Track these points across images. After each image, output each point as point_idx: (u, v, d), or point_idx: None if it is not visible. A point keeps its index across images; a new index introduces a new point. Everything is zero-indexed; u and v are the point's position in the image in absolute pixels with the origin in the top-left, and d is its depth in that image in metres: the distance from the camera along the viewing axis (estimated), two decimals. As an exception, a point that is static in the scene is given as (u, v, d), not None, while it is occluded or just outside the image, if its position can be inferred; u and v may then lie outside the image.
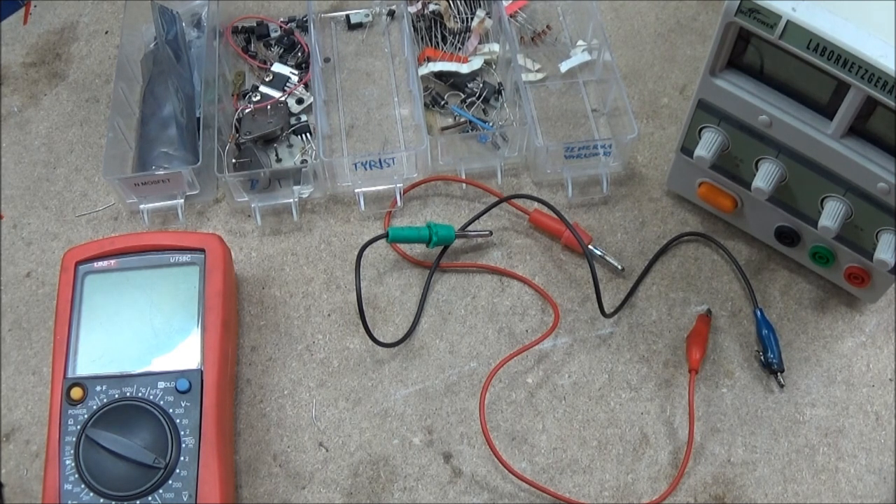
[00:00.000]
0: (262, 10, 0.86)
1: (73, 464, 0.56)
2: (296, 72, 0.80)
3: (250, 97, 0.78)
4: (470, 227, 0.72)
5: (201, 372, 0.59)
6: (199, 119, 0.76)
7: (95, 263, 0.63)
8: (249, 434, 0.64)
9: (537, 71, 0.81)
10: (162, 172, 0.71)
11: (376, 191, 0.74)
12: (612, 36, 0.84)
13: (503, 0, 0.81)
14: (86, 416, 0.57)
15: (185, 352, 0.60)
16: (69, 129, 0.79)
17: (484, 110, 0.79)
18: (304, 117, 0.78)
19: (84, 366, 0.59)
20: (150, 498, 0.56)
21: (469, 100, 0.78)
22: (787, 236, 0.67)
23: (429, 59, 0.80)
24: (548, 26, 0.84)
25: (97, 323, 0.61)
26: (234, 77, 0.80)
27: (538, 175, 0.75)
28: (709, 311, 0.68)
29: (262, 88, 0.78)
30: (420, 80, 0.77)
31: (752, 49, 0.58)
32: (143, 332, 0.61)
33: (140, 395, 0.58)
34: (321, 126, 0.75)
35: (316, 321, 0.69)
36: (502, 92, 0.79)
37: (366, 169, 0.72)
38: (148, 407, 0.58)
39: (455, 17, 0.83)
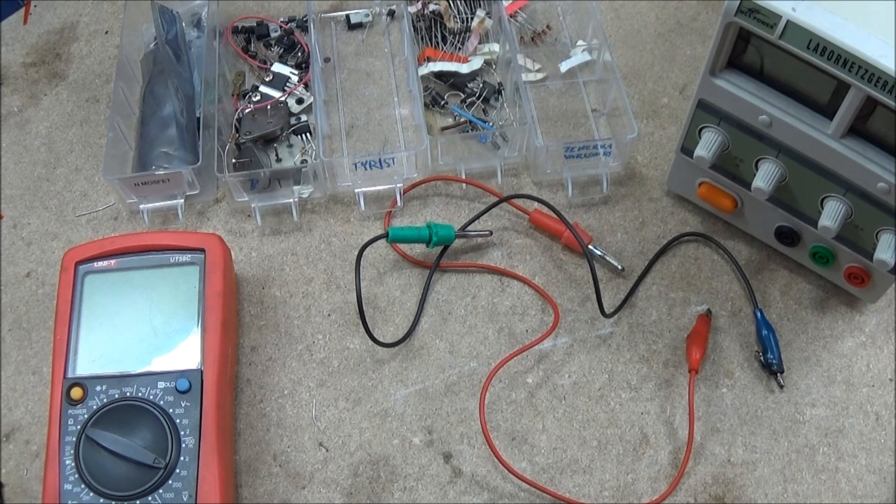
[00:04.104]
0: (262, 10, 0.86)
1: (73, 464, 0.56)
2: (296, 72, 0.80)
3: (250, 97, 0.78)
4: (470, 227, 0.72)
5: (201, 372, 0.59)
6: (199, 119, 0.76)
7: (95, 263, 0.63)
8: (249, 434, 0.64)
9: (537, 71, 0.81)
10: (162, 172, 0.71)
11: (376, 191, 0.74)
12: (612, 36, 0.84)
13: (503, 0, 0.81)
14: (86, 416, 0.57)
15: (185, 352, 0.60)
16: (69, 129, 0.79)
17: (484, 110, 0.79)
18: (304, 117, 0.78)
19: (84, 366, 0.59)
20: (150, 498, 0.56)
21: (469, 100, 0.78)
22: (787, 236, 0.67)
23: (429, 59, 0.80)
24: (548, 26, 0.84)
25: (97, 323, 0.61)
26: (234, 77, 0.81)
27: (538, 175, 0.75)
28: (709, 311, 0.68)
29: (262, 88, 0.78)
30: (420, 80, 0.77)
31: (752, 49, 0.58)
32: (143, 332, 0.61)
33: (140, 395, 0.58)
34: (321, 126, 0.75)
35: (316, 321, 0.69)
36: (502, 92, 0.79)
37: (366, 169, 0.72)
38: (148, 407, 0.58)
39: (455, 17, 0.83)
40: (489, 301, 0.69)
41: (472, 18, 0.83)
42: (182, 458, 0.57)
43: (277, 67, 0.80)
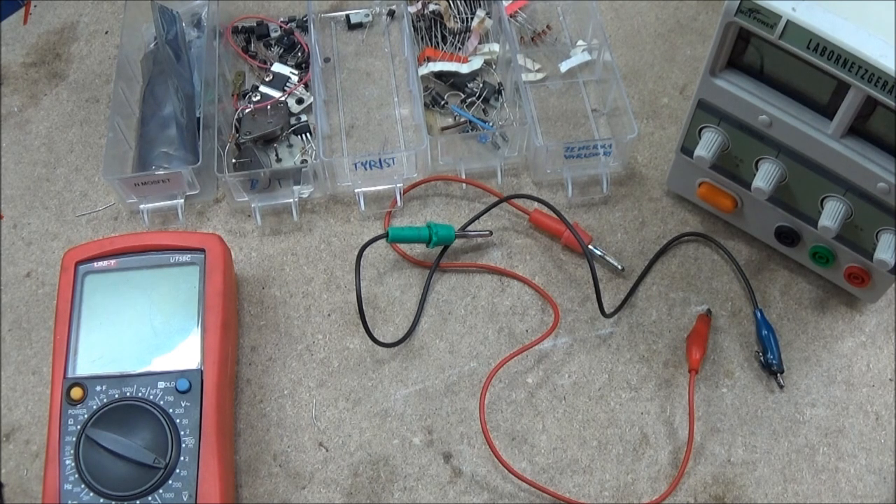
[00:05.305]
0: (262, 10, 0.86)
1: (73, 464, 0.56)
2: (296, 72, 0.80)
3: (250, 97, 0.78)
4: (470, 227, 0.72)
5: (201, 372, 0.59)
6: (199, 119, 0.76)
7: (95, 263, 0.63)
8: (249, 434, 0.64)
9: (537, 71, 0.81)
10: (162, 172, 0.71)
11: (376, 191, 0.74)
12: (612, 36, 0.84)
13: (503, 0, 0.81)
14: (86, 416, 0.57)
15: (185, 352, 0.60)
16: (69, 129, 0.79)
17: (484, 110, 0.79)
18: (304, 117, 0.78)
19: (84, 366, 0.59)
20: (150, 498, 0.56)
21: (469, 100, 0.78)
22: (787, 236, 0.67)
23: (429, 59, 0.80)
24: (548, 26, 0.84)
25: (97, 323, 0.61)
26: (234, 77, 0.81)
27: (538, 175, 0.75)
28: (709, 311, 0.68)
29: (262, 88, 0.78)
30: (420, 80, 0.77)
31: (752, 49, 0.58)
32: (143, 332, 0.61)
33: (140, 395, 0.58)
34: (321, 126, 0.75)
35: (316, 321, 0.69)
36: (502, 92, 0.79)
37: (366, 169, 0.72)
38: (148, 407, 0.58)
39: (455, 17, 0.83)
40: (489, 301, 0.69)
41: (472, 18, 0.83)
42: (182, 458, 0.57)
43: (277, 67, 0.80)
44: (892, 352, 0.66)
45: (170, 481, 0.56)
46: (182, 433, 0.57)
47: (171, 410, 0.58)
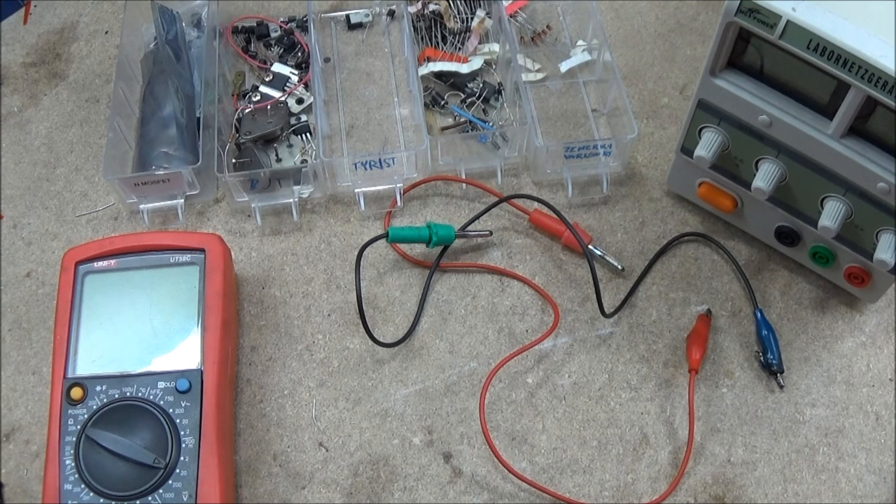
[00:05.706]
0: (262, 10, 0.86)
1: (73, 464, 0.56)
2: (296, 72, 0.80)
3: (250, 97, 0.78)
4: (470, 227, 0.72)
5: (201, 372, 0.59)
6: (199, 119, 0.76)
7: (95, 263, 0.63)
8: (249, 434, 0.64)
9: (537, 71, 0.81)
10: (162, 172, 0.71)
11: (376, 191, 0.74)
12: (612, 36, 0.84)
13: (503, 0, 0.81)
14: (86, 416, 0.57)
15: (185, 352, 0.60)
16: (69, 129, 0.79)
17: (484, 110, 0.79)
18: (304, 117, 0.78)
19: (84, 366, 0.59)
20: (150, 498, 0.56)
21: (469, 100, 0.78)
22: (787, 236, 0.67)
23: (429, 59, 0.80)
24: (548, 26, 0.84)
25: (97, 323, 0.61)
26: (234, 77, 0.81)
27: (538, 175, 0.75)
28: (709, 311, 0.68)
29: (262, 88, 0.78)
30: (420, 80, 0.77)
31: (752, 49, 0.58)
32: (143, 332, 0.61)
33: (140, 395, 0.58)
34: (321, 126, 0.75)
35: (316, 321, 0.69)
36: (502, 92, 0.79)
37: (366, 169, 0.72)
38: (148, 407, 0.58)
39: (455, 17, 0.83)
40: (489, 301, 0.69)
41: (472, 18, 0.83)
42: (182, 458, 0.57)
43: (277, 67, 0.80)
44: (892, 352, 0.66)
45: (170, 481, 0.56)
46: (182, 433, 0.57)
47: (171, 410, 0.58)
